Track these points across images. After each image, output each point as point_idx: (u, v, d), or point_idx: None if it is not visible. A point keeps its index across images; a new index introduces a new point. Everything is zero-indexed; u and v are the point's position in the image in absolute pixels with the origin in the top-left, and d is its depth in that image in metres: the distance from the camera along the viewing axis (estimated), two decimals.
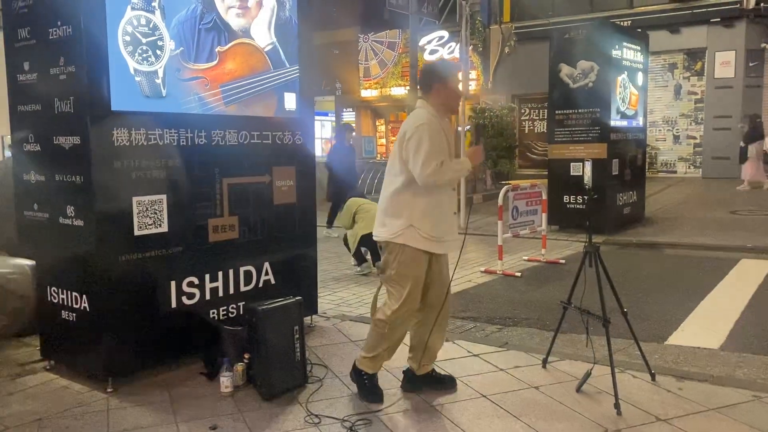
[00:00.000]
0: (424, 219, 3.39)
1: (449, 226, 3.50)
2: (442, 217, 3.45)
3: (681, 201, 12.74)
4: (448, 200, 3.50)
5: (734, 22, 16.16)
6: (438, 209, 3.43)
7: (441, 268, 3.58)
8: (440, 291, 3.58)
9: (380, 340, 3.52)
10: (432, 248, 3.44)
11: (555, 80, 9.72)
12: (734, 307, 5.52)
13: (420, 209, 3.40)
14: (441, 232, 3.44)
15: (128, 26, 3.53)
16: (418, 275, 3.45)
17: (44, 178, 3.77)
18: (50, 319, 3.91)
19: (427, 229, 3.40)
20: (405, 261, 3.43)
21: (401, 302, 3.43)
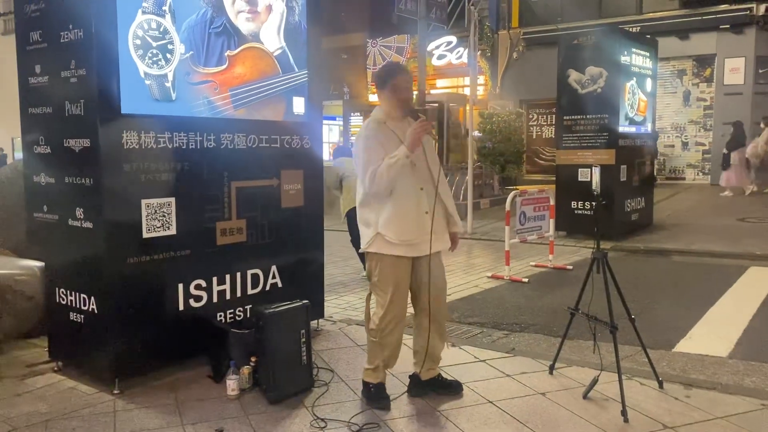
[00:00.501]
0: (389, 225, 3.38)
1: (418, 229, 3.40)
2: (408, 220, 3.39)
3: (689, 208, 12.69)
4: (414, 202, 3.41)
5: (744, 28, 16.12)
6: (402, 213, 3.38)
7: (432, 269, 3.50)
8: (434, 295, 3.53)
9: (375, 350, 3.53)
10: (403, 253, 3.40)
11: (563, 86, 9.70)
12: (742, 315, 5.49)
13: (385, 216, 3.39)
14: (409, 235, 3.38)
15: (139, 30, 3.56)
16: (397, 281, 3.43)
17: (54, 180, 3.79)
18: (58, 321, 3.93)
19: (392, 235, 3.37)
20: (383, 268, 3.44)
21: (385, 309, 3.44)
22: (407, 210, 3.39)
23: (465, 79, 18.57)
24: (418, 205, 3.43)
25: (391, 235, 3.37)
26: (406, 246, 3.39)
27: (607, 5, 18.06)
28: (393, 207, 3.38)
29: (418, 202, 3.43)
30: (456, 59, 19.20)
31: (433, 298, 3.52)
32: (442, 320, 3.63)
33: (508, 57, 19.44)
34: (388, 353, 3.52)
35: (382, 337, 3.48)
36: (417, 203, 3.42)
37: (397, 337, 3.54)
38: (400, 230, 3.38)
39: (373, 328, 3.51)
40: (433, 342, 3.58)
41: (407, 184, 3.39)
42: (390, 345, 3.51)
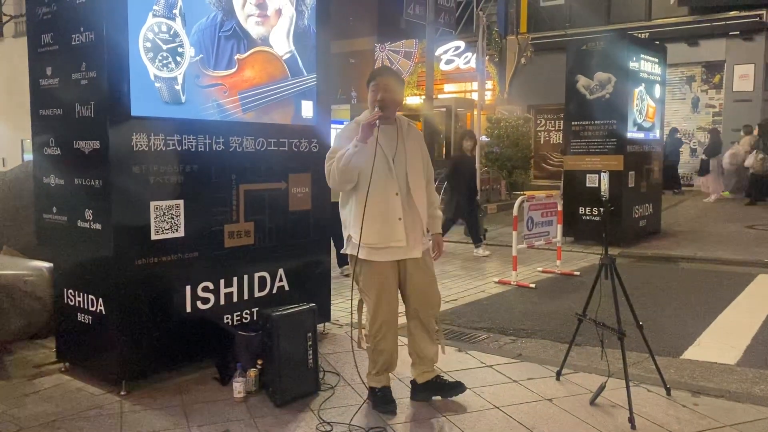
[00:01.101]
0: (355, 227, 3.39)
1: (389, 232, 3.37)
2: (377, 224, 3.35)
3: (697, 214, 12.63)
4: (385, 207, 3.37)
5: (753, 35, 16.05)
6: (372, 217, 3.34)
7: (414, 274, 3.48)
8: (417, 298, 3.53)
9: (373, 356, 3.54)
10: (373, 256, 3.39)
11: (571, 91, 9.69)
12: (751, 323, 5.46)
13: (354, 218, 3.41)
14: (378, 239, 3.36)
15: (149, 33, 3.57)
16: (379, 285, 3.42)
17: (64, 181, 3.81)
18: (66, 322, 3.94)
19: (357, 237, 3.37)
20: (364, 272, 3.45)
21: (373, 314, 3.45)
22: (377, 214, 3.36)
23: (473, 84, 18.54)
24: (390, 210, 3.39)
25: (356, 238, 3.38)
26: (375, 249, 3.38)
27: (616, 11, 18.03)
28: (364, 209, 3.36)
29: (391, 207, 3.39)
30: (464, 64, 19.21)
31: (416, 302, 3.53)
32: (429, 323, 3.59)
33: (516, 62, 19.42)
34: (385, 358, 3.51)
35: (375, 342, 3.48)
36: (389, 208, 3.38)
37: (391, 341, 3.52)
38: (367, 233, 3.36)
39: (366, 334, 3.53)
40: (421, 344, 3.58)
41: (381, 189, 3.36)
42: (386, 350, 3.50)
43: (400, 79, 3.60)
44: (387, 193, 3.39)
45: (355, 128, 3.42)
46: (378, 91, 3.43)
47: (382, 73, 3.58)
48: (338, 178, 3.36)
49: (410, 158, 3.49)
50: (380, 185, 3.36)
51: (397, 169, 3.43)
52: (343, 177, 3.34)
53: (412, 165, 3.49)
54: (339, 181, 3.37)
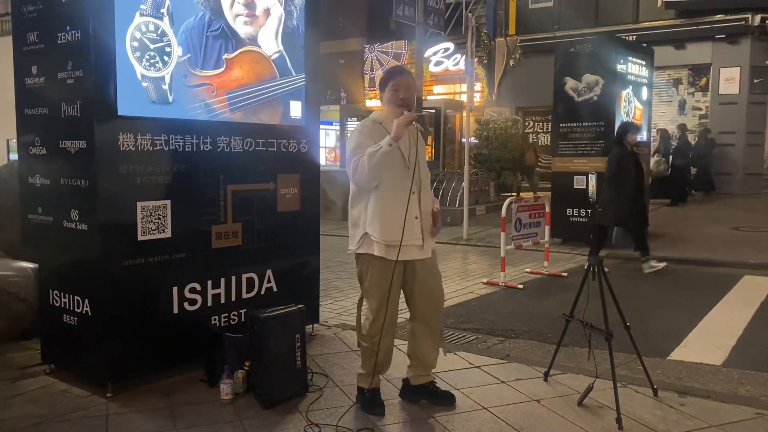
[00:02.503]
0: (374, 224, 3.36)
1: (408, 231, 3.34)
2: (394, 220, 3.34)
3: (684, 216, 12.72)
4: (401, 204, 3.33)
5: (739, 38, 16.23)
6: (390, 213, 3.34)
7: (423, 276, 3.46)
8: (425, 300, 3.50)
9: (366, 355, 3.52)
10: (388, 254, 3.35)
11: (560, 93, 9.73)
12: (737, 324, 5.50)
13: (371, 215, 3.37)
14: (394, 236, 3.33)
15: (136, 32, 3.55)
16: (386, 285, 3.38)
17: (49, 181, 3.78)
18: (52, 323, 3.91)
19: (378, 234, 3.34)
20: (371, 271, 3.42)
21: (375, 315, 3.42)
22: (395, 211, 3.35)
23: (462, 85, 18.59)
24: (408, 208, 3.37)
25: (376, 235, 3.35)
26: (390, 247, 3.35)
27: (604, 14, 18.16)
28: (381, 206, 3.36)
29: (408, 205, 3.37)
30: (453, 66, 19.25)
31: (424, 304, 3.50)
32: (435, 327, 3.58)
33: (504, 64, 19.50)
34: (379, 359, 3.48)
35: (372, 342, 3.46)
36: (406, 206, 3.37)
37: (388, 342, 3.50)
38: (386, 230, 3.34)
39: (363, 333, 3.50)
40: (424, 348, 3.56)
41: (398, 186, 3.35)
42: (381, 351, 3.47)
43: (414, 81, 3.60)
44: (406, 191, 3.37)
45: (374, 127, 3.42)
46: (399, 90, 3.43)
47: (405, 71, 3.60)
48: (369, 175, 3.30)
49: (421, 158, 3.50)
50: (399, 183, 3.35)
51: (413, 168, 3.43)
52: (374, 173, 3.29)
53: (423, 165, 3.51)
54: (369, 178, 3.31)
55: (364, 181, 3.35)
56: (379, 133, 3.41)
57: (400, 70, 3.67)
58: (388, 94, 3.46)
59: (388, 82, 3.47)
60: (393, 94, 3.44)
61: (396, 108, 3.42)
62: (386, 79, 3.50)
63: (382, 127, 3.44)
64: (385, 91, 3.48)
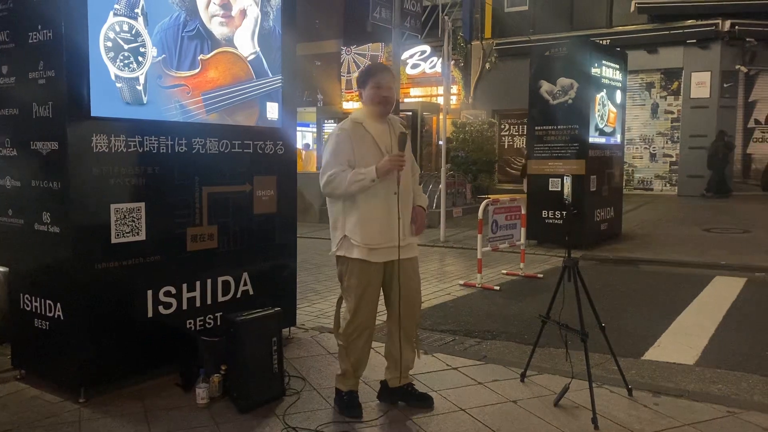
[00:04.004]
0: (355, 228, 3.35)
1: (386, 233, 3.34)
2: (375, 224, 3.33)
3: (657, 218, 12.91)
4: (382, 205, 3.34)
5: (710, 43, 16.55)
6: (371, 216, 3.33)
7: (402, 278, 3.42)
8: (402, 302, 3.47)
9: (343, 356, 3.51)
10: (368, 257, 3.35)
11: (535, 96, 9.81)
12: (709, 324, 5.59)
13: (351, 218, 3.36)
14: (375, 239, 3.33)
15: (110, 32, 3.50)
16: (365, 287, 3.38)
17: (20, 183, 3.71)
18: (22, 328, 3.83)
19: (358, 237, 3.33)
20: (351, 273, 3.40)
21: (352, 315, 3.41)
22: (377, 214, 3.35)
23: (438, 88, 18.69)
24: (390, 210, 3.36)
25: (358, 238, 3.33)
26: (370, 250, 3.34)
27: (578, 18, 18.38)
28: (360, 211, 3.34)
29: (390, 207, 3.36)
30: (430, 68, 19.34)
31: (401, 306, 3.47)
32: (411, 330, 3.56)
33: (480, 67, 19.64)
34: (354, 359, 3.47)
35: (348, 342, 3.45)
36: (389, 208, 3.36)
37: (364, 343, 3.48)
38: (367, 234, 3.33)
39: (340, 332, 3.49)
40: (400, 350, 3.54)
41: (381, 189, 3.34)
42: (356, 351, 3.46)
43: (394, 76, 3.57)
44: (387, 192, 3.35)
45: (353, 129, 3.38)
46: (383, 87, 3.39)
47: (386, 69, 3.56)
48: (341, 195, 3.34)
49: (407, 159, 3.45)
50: (380, 185, 3.32)
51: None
52: (347, 195, 3.33)
53: (406, 163, 3.44)
54: (340, 196, 3.35)
55: (334, 197, 3.36)
56: (358, 134, 3.39)
57: (380, 67, 3.63)
58: (369, 92, 3.41)
59: (368, 79, 3.42)
60: (374, 92, 3.39)
61: (378, 106, 3.40)
62: (366, 77, 3.44)
63: (362, 128, 3.41)
64: (366, 89, 3.43)
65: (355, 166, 3.33)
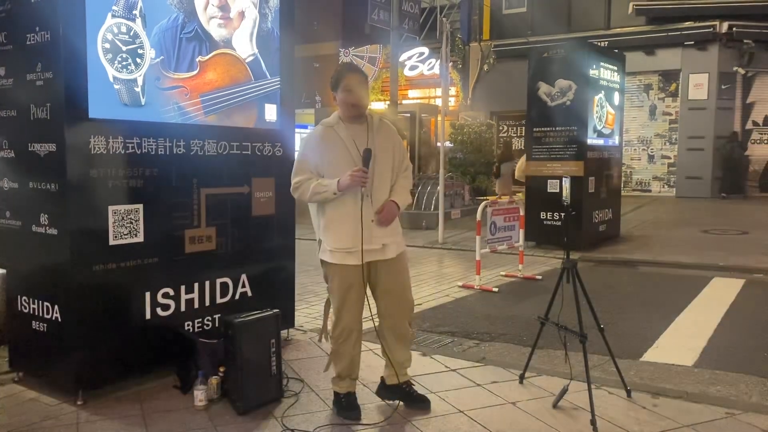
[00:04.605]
0: (327, 231, 3.40)
1: (357, 235, 3.31)
2: (345, 227, 3.34)
3: (655, 219, 12.92)
4: (351, 209, 3.32)
5: (707, 45, 16.58)
6: (339, 220, 3.35)
7: (385, 277, 3.44)
8: (388, 301, 3.49)
9: (335, 358, 3.51)
10: (342, 260, 3.36)
11: (533, 98, 9.81)
12: (707, 325, 5.59)
13: (324, 222, 3.42)
14: (344, 243, 3.34)
15: (108, 34, 3.50)
16: (345, 289, 3.39)
17: (18, 185, 3.70)
18: (20, 330, 3.82)
19: (331, 241, 3.37)
20: (333, 276, 3.44)
21: (336, 317, 3.43)
22: (344, 218, 3.35)
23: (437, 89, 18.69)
24: (361, 212, 3.32)
25: (330, 241, 3.38)
26: (344, 253, 3.35)
27: (576, 20, 18.41)
28: (332, 214, 3.39)
29: (360, 209, 3.32)
30: (428, 70, 19.35)
31: (387, 304, 3.50)
32: (400, 327, 3.55)
33: (479, 69, 19.65)
34: (346, 362, 3.48)
35: (337, 345, 3.46)
36: (359, 211, 3.32)
37: (352, 345, 3.47)
38: (339, 237, 3.36)
39: (331, 336, 3.50)
40: (392, 348, 3.55)
41: (350, 192, 3.33)
42: (346, 353, 3.46)
43: (365, 77, 3.56)
44: (356, 195, 3.34)
45: (325, 133, 3.41)
46: (352, 90, 3.38)
47: (354, 69, 3.55)
48: (307, 201, 3.45)
49: (379, 157, 3.40)
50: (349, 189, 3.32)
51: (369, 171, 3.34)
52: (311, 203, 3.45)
53: (380, 162, 3.41)
54: (306, 201, 3.45)
55: (302, 201, 3.46)
56: (330, 139, 3.40)
57: (350, 69, 3.58)
58: (341, 95, 3.41)
59: (339, 82, 3.42)
60: (346, 96, 3.39)
61: (348, 109, 3.41)
62: (337, 80, 3.43)
63: (333, 132, 3.42)
64: (338, 92, 3.43)
65: (323, 172, 3.38)
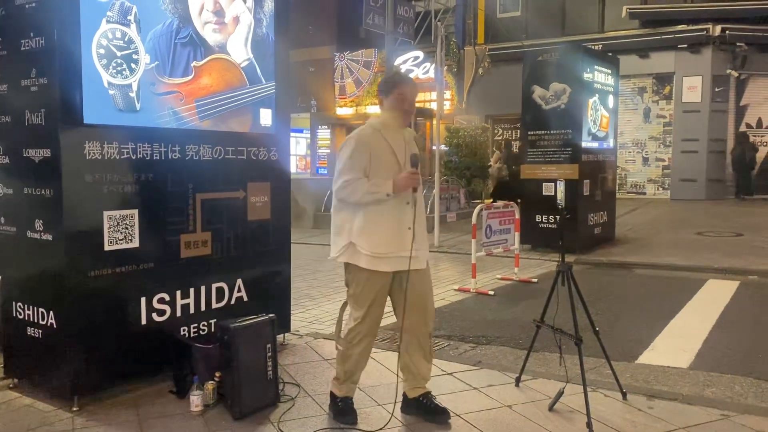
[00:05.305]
0: (362, 235, 3.30)
1: (395, 242, 3.29)
2: (384, 232, 3.30)
3: (650, 222, 12.96)
4: (392, 214, 3.31)
5: (701, 48, 16.68)
6: (379, 224, 3.30)
7: (411, 288, 3.34)
8: (412, 312, 3.41)
9: (340, 360, 3.49)
10: (375, 266, 3.30)
11: (528, 101, 9.83)
12: (702, 327, 5.61)
13: (358, 225, 3.32)
14: (381, 247, 3.29)
15: (103, 39, 3.50)
16: (374, 297, 3.35)
17: (12, 191, 3.69)
18: (15, 336, 3.81)
19: (366, 245, 3.29)
20: (357, 281, 3.37)
21: (356, 323, 3.38)
22: (386, 223, 3.31)
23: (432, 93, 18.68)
24: (400, 219, 3.33)
25: (366, 246, 3.29)
26: (378, 259, 3.30)
27: (571, 24, 18.49)
28: (369, 218, 3.30)
29: (402, 216, 3.33)
30: (423, 74, 19.35)
31: (410, 316, 3.41)
32: (424, 339, 3.49)
33: (473, 73, 19.70)
34: (350, 365, 3.45)
35: (347, 347, 3.43)
36: (400, 217, 3.33)
37: (362, 350, 3.44)
38: (376, 242, 3.29)
39: (341, 337, 3.47)
40: (415, 360, 3.50)
41: (394, 198, 3.30)
42: (353, 357, 3.44)
43: (417, 87, 3.55)
44: (400, 201, 3.33)
45: (373, 135, 3.37)
46: (407, 100, 3.40)
47: (411, 81, 3.54)
48: (353, 202, 3.32)
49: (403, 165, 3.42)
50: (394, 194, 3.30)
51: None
52: (360, 204, 3.31)
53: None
54: (353, 203, 3.33)
55: (348, 203, 3.33)
56: (377, 142, 3.37)
57: (406, 78, 3.61)
58: (393, 102, 3.40)
59: (392, 89, 3.41)
60: (398, 103, 3.39)
61: (400, 117, 3.41)
62: (392, 86, 3.43)
63: (380, 135, 3.40)
64: (389, 97, 3.42)
65: (370, 174, 3.31)
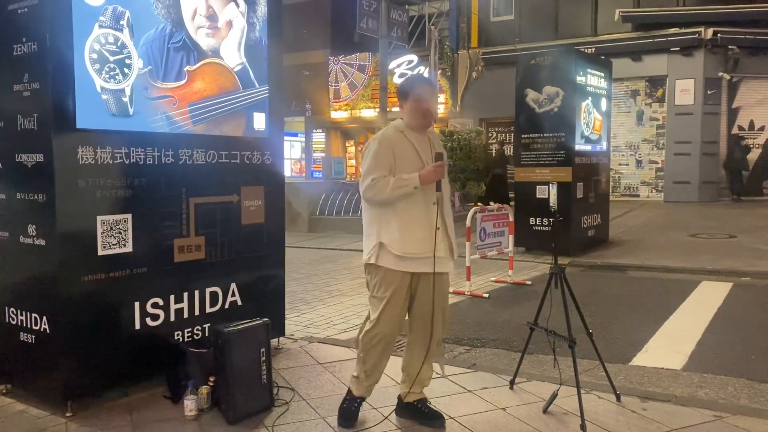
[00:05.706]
0: (391, 235, 3.30)
1: (423, 243, 3.29)
2: (413, 232, 3.30)
3: (643, 224, 13.00)
4: (421, 215, 3.32)
5: (693, 51, 16.76)
6: (407, 225, 3.30)
7: (428, 290, 3.36)
8: (418, 315, 3.41)
9: (359, 361, 3.47)
10: (403, 267, 3.30)
11: (521, 105, 9.87)
12: (696, 329, 5.63)
13: (387, 226, 3.31)
14: (411, 248, 3.28)
15: (95, 44, 3.50)
16: (393, 297, 3.32)
17: (5, 196, 3.68)
18: (8, 341, 3.79)
19: (395, 246, 3.28)
20: (380, 282, 3.35)
21: (374, 324, 3.36)
22: (415, 223, 3.31)
23: None
24: (428, 219, 3.34)
25: (395, 246, 3.28)
26: (407, 260, 3.29)
27: (564, 27, 18.56)
28: (398, 218, 3.30)
29: (429, 216, 3.34)
30: None
31: (417, 319, 3.43)
32: (432, 343, 3.44)
33: (467, 76, 19.75)
34: (369, 366, 3.42)
35: (365, 350, 3.40)
36: (428, 218, 3.33)
37: (381, 351, 3.40)
38: (405, 242, 3.28)
39: (358, 338, 3.45)
40: (412, 363, 3.49)
41: (421, 198, 3.32)
42: (372, 358, 3.40)
43: (436, 89, 3.54)
44: (427, 202, 3.34)
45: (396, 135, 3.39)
46: (425, 99, 3.40)
47: (427, 81, 3.54)
48: (384, 200, 3.31)
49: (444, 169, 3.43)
50: (420, 194, 3.31)
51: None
52: (389, 201, 3.31)
53: (445, 176, 3.44)
54: (381, 202, 3.32)
55: (376, 202, 3.33)
56: (401, 142, 3.38)
57: (421, 79, 3.63)
58: (413, 104, 3.41)
59: (410, 92, 3.42)
60: (416, 105, 3.39)
61: (419, 117, 3.41)
62: (408, 90, 3.44)
63: (404, 136, 3.41)
64: (408, 101, 3.42)
65: (395, 173, 3.32)
